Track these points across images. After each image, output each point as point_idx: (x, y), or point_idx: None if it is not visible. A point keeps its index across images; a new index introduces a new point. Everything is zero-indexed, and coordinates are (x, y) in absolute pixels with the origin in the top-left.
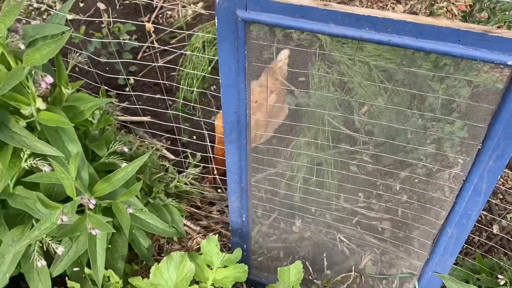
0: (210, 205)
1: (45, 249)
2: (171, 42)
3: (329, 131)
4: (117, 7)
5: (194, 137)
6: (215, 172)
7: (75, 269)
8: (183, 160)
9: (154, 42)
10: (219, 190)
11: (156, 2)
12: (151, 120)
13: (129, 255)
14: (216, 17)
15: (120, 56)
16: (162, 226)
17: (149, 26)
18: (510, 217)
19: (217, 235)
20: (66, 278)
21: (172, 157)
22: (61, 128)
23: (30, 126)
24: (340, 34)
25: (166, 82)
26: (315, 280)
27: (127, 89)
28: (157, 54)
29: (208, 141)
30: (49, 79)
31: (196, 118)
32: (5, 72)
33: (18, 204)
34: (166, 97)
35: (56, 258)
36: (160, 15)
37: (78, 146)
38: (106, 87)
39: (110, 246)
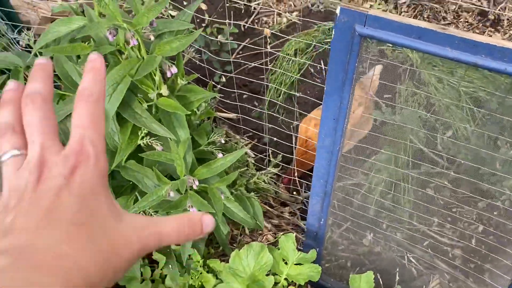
0: (283, 205)
1: None
2: (264, 47)
3: (410, 150)
4: (218, 8)
5: (275, 138)
6: (295, 174)
7: None
8: (266, 158)
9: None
10: (294, 193)
11: (254, 8)
12: (238, 117)
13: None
14: (333, 29)
15: (219, 55)
16: (244, 216)
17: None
18: None
19: (294, 234)
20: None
21: (253, 154)
22: (174, 114)
23: (149, 109)
24: (455, 58)
25: (257, 81)
26: None
27: (218, 87)
28: (249, 56)
29: (293, 144)
30: (174, 69)
31: (279, 119)
32: (136, 59)
33: (129, 176)
34: (256, 95)
35: None
36: (256, 20)
37: (187, 132)
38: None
39: None
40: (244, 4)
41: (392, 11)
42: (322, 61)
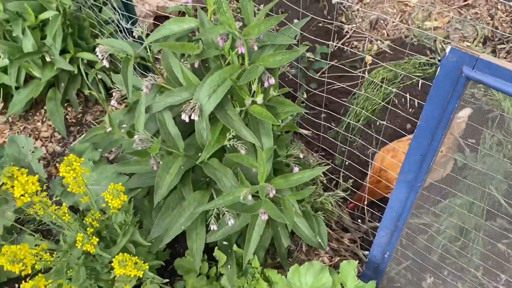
0: (344, 230)
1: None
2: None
3: (488, 199)
4: (311, 27)
5: (347, 162)
6: (365, 201)
7: (224, 242)
8: (336, 180)
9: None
10: (358, 220)
11: (346, 31)
12: (313, 134)
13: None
14: (439, 67)
15: (307, 71)
16: (309, 233)
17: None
18: None
19: (357, 262)
20: (215, 248)
21: (323, 173)
22: (261, 122)
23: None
24: None
25: (340, 101)
26: None
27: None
28: (333, 77)
29: (366, 170)
30: (272, 80)
31: (355, 143)
32: (238, 66)
33: (209, 173)
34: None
35: (212, 231)
36: (347, 43)
37: (271, 141)
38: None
39: None
40: (337, 26)
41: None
42: (408, 94)
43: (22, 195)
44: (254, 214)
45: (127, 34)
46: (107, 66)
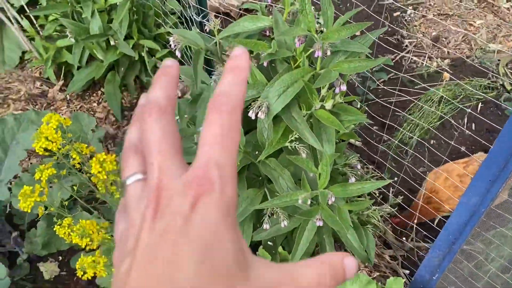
0: (386, 246)
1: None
2: (407, 86)
3: None
4: None
5: (396, 178)
6: (414, 220)
7: (269, 242)
8: (382, 194)
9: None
10: (403, 238)
11: (406, 45)
12: (362, 145)
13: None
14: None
15: (364, 83)
16: (358, 246)
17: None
18: None
19: (404, 280)
20: (260, 247)
21: None
22: (324, 127)
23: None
24: None
25: (396, 113)
26: None
27: None
28: (388, 91)
29: (418, 188)
30: (344, 87)
31: (407, 159)
32: (310, 68)
33: (266, 172)
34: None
35: (260, 229)
36: (405, 58)
37: (333, 148)
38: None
39: None
40: (397, 39)
41: None
42: (466, 116)
43: (99, 172)
44: (305, 219)
45: (189, 26)
46: (179, 56)
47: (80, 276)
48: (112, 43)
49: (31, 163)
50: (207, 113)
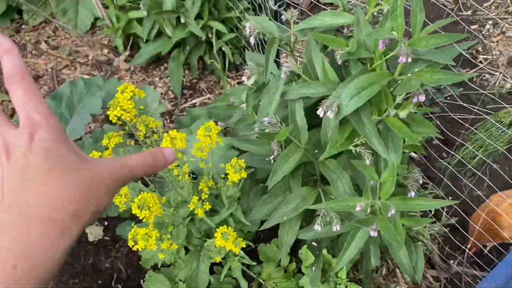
0: (430, 265)
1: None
2: (476, 104)
3: None
4: None
5: (450, 197)
6: (473, 248)
7: (313, 243)
8: (440, 212)
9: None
10: (451, 261)
11: (480, 61)
12: (420, 159)
13: None
14: None
15: (431, 95)
16: (406, 262)
17: None
18: None
19: None
20: (304, 246)
21: None
22: (392, 136)
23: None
24: None
25: (459, 132)
26: None
27: None
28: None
29: (474, 211)
30: (422, 97)
31: (465, 181)
32: (388, 73)
33: (324, 172)
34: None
35: (307, 228)
36: (477, 74)
37: (399, 158)
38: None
39: None
40: (471, 54)
41: None
42: None
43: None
44: (358, 226)
45: (259, 13)
46: (253, 43)
47: (131, 246)
48: (182, 20)
49: (90, 128)
50: (8, 88)
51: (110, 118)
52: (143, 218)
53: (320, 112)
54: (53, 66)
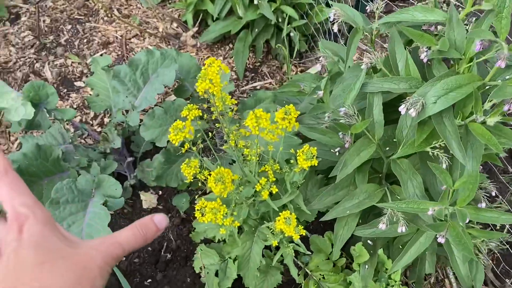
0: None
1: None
2: None
3: None
4: None
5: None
6: None
7: (369, 241)
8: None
9: None
10: (506, 280)
11: None
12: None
13: None
14: None
15: None
16: (465, 273)
17: None
18: None
19: None
20: (359, 243)
21: None
22: (472, 143)
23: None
24: None
25: None
26: None
27: None
28: None
29: None
30: None
31: None
32: (478, 77)
33: (396, 172)
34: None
35: (365, 225)
36: None
37: (477, 166)
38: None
39: None
40: None
41: None
42: None
43: (253, 126)
44: (420, 231)
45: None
46: (336, 30)
47: (197, 217)
48: (255, 2)
49: (160, 98)
50: None
51: (198, 90)
52: (220, 193)
53: (402, 109)
54: (123, 34)
